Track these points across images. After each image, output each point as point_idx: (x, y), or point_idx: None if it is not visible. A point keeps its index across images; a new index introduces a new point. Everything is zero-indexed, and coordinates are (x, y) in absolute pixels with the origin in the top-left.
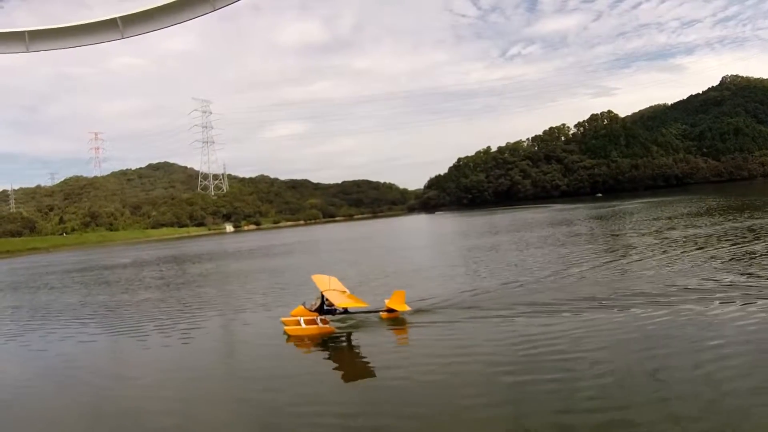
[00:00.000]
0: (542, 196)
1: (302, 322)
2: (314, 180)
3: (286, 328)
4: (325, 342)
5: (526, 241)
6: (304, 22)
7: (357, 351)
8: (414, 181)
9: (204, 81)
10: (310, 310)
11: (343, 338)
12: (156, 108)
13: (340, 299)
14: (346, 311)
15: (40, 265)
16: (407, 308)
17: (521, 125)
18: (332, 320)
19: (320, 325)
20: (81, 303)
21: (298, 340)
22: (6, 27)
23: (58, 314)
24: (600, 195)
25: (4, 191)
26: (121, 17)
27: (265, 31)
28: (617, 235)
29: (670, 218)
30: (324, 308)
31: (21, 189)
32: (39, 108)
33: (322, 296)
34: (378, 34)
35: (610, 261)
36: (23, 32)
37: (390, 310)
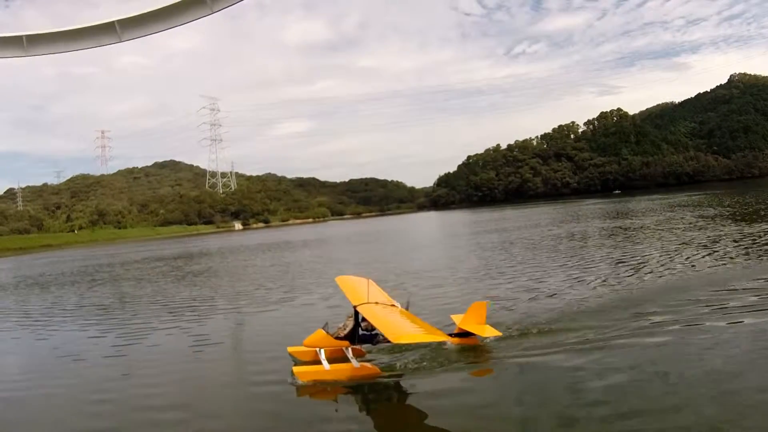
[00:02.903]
0: (553, 193)
1: (322, 356)
2: (322, 178)
3: (295, 369)
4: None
5: (591, 234)
6: (310, 21)
7: (407, 403)
8: (421, 179)
9: (210, 79)
10: (336, 337)
11: (389, 380)
12: (162, 106)
13: (394, 327)
14: None
15: (67, 260)
16: (495, 332)
17: (527, 123)
18: (370, 351)
19: (354, 363)
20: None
21: (314, 388)
22: (4, 31)
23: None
24: (618, 192)
25: (11, 189)
26: (119, 21)
27: (271, 29)
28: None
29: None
30: (359, 333)
31: (28, 187)
32: (45, 107)
33: (356, 315)
34: (384, 32)
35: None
36: (21, 36)
37: (465, 334)
